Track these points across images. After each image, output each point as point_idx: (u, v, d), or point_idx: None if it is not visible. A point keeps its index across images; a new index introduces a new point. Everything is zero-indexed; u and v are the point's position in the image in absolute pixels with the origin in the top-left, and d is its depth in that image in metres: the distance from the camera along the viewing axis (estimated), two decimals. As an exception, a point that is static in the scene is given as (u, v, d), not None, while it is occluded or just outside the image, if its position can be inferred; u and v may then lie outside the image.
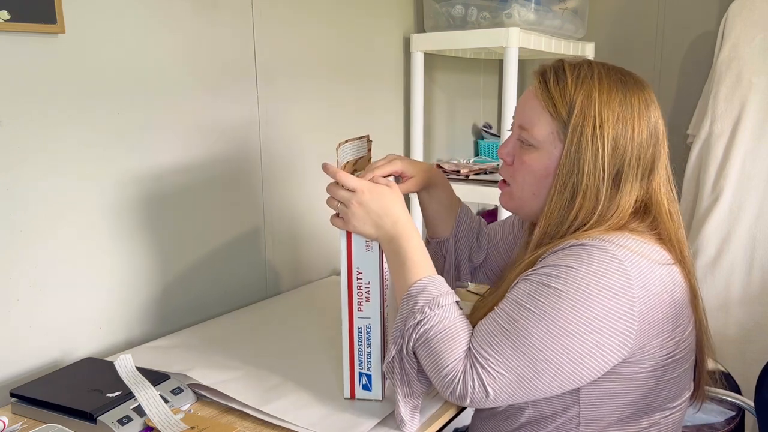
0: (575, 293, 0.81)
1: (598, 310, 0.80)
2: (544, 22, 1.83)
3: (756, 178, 1.76)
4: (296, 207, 1.64)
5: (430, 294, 0.88)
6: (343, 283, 0.96)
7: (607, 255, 0.82)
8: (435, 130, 2.18)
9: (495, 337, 0.83)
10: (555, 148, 0.91)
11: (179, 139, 1.33)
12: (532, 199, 0.95)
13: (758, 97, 1.76)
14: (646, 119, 0.90)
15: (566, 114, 0.89)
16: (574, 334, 0.80)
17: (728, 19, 1.83)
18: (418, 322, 0.86)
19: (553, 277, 0.83)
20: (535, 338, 0.81)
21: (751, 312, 1.78)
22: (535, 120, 0.92)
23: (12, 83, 1.05)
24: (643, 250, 0.85)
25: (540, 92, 0.92)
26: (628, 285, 0.81)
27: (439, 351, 0.85)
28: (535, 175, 0.93)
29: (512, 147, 0.97)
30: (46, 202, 1.12)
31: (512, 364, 0.82)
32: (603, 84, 0.89)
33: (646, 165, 0.90)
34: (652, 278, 0.83)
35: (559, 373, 0.81)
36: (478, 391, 0.82)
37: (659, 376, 0.88)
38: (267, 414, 0.95)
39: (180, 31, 1.30)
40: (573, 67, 0.92)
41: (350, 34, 1.75)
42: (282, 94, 1.55)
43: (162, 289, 1.34)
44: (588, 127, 0.87)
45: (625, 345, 0.82)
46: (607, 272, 0.81)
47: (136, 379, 1.01)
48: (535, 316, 0.82)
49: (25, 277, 1.11)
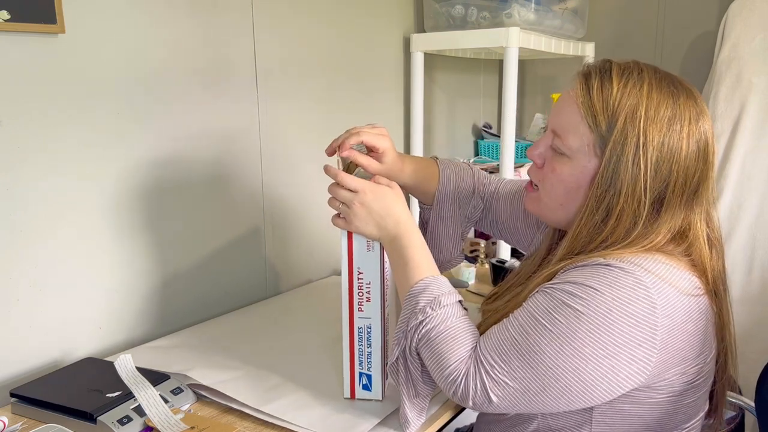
0: (596, 317, 0.77)
1: (617, 336, 0.76)
2: (544, 22, 1.83)
3: (756, 178, 1.76)
4: (296, 207, 1.64)
5: (432, 294, 0.88)
6: (344, 283, 0.96)
7: (634, 280, 0.77)
8: (435, 130, 2.18)
9: (504, 346, 0.81)
10: (589, 161, 0.84)
11: (179, 139, 1.33)
12: (559, 209, 0.90)
13: (758, 97, 1.76)
14: (696, 136, 0.82)
15: (606, 128, 0.82)
16: (589, 358, 0.77)
17: (728, 19, 1.83)
18: (420, 322, 0.86)
19: (574, 297, 0.78)
20: (547, 356, 0.78)
21: (751, 312, 1.78)
22: (571, 129, 0.85)
23: (12, 83, 1.05)
24: (672, 278, 0.79)
25: (581, 99, 0.84)
26: (653, 314, 0.76)
27: (442, 351, 0.84)
28: (564, 185, 0.87)
29: (544, 149, 0.91)
30: (46, 202, 1.12)
31: (518, 375, 0.80)
32: (652, 98, 0.82)
33: (692, 188, 0.83)
34: (678, 307, 0.79)
35: (567, 393, 0.78)
36: (480, 394, 0.81)
37: (677, 401, 0.85)
38: (267, 414, 0.95)
39: (180, 31, 1.30)
40: (621, 73, 0.84)
41: (350, 34, 1.75)
42: (282, 93, 1.55)
43: (162, 289, 1.34)
44: (630, 146, 0.80)
45: (642, 372, 0.78)
46: (633, 299, 0.76)
47: (136, 379, 1.01)
48: (551, 334, 0.78)
49: (25, 277, 1.11)
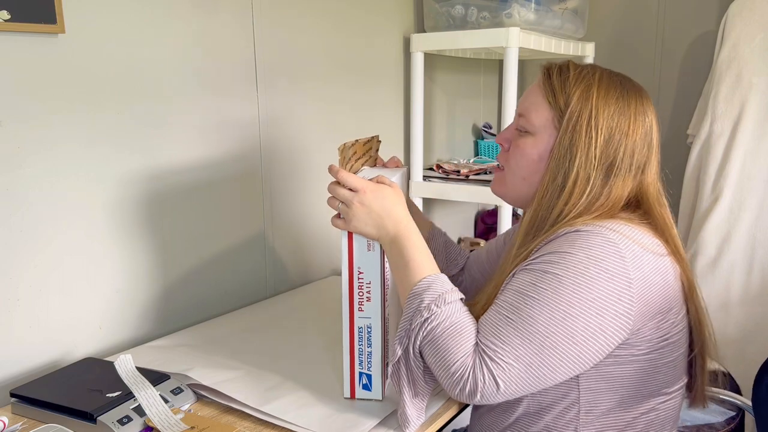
0: (575, 277, 0.83)
1: (598, 292, 0.82)
2: (544, 22, 1.83)
3: (756, 178, 1.76)
4: (296, 207, 1.64)
5: (436, 291, 0.88)
6: (344, 283, 0.96)
7: (602, 239, 0.85)
8: (435, 130, 2.18)
9: (501, 328, 0.84)
10: (550, 135, 0.94)
11: (179, 139, 1.33)
12: (522, 183, 0.98)
13: (758, 97, 1.76)
14: (642, 121, 0.93)
15: (564, 103, 0.93)
16: (578, 317, 0.82)
17: (728, 19, 1.83)
18: (425, 320, 0.86)
19: (552, 264, 0.85)
20: (541, 324, 0.82)
21: (751, 312, 1.78)
22: (533, 108, 0.96)
23: (12, 83, 1.05)
24: (636, 237, 0.87)
25: (542, 82, 0.96)
26: (624, 268, 0.83)
27: (447, 347, 0.85)
28: (527, 159, 0.96)
29: (510, 134, 1.01)
30: (46, 202, 1.12)
31: (520, 352, 0.82)
32: (602, 83, 0.93)
33: (639, 164, 0.93)
34: (645, 261, 0.86)
35: (565, 358, 0.82)
36: (489, 384, 0.82)
37: (655, 359, 0.89)
38: (267, 414, 0.95)
39: (180, 31, 1.30)
40: (576, 66, 0.96)
41: (350, 34, 1.75)
42: (282, 93, 1.55)
43: (162, 289, 1.34)
44: (584, 118, 0.91)
45: (625, 327, 0.84)
46: (604, 255, 0.83)
47: (136, 379, 1.01)
48: (539, 302, 0.83)
49: (25, 277, 1.11)
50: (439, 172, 2.02)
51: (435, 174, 2.01)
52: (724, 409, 1.40)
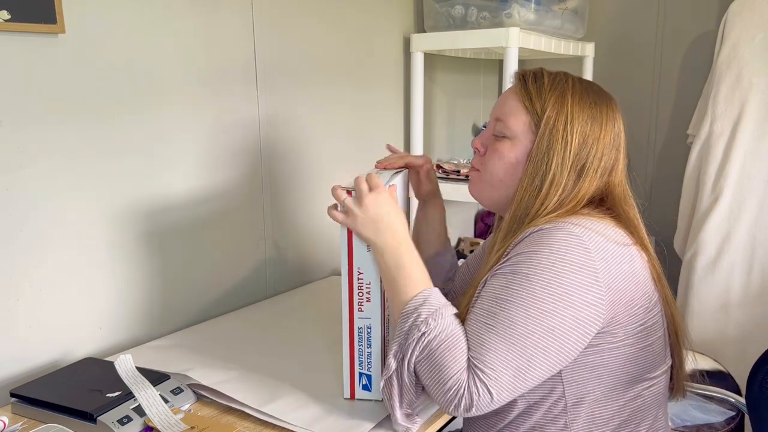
0: (543, 273, 0.85)
1: (567, 285, 0.85)
2: (544, 22, 1.83)
3: (756, 178, 1.76)
4: (296, 207, 1.64)
5: (432, 306, 0.88)
6: (344, 283, 0.96)
7: (564, 233, 0.88)
8: (435, 130, 2.18)
9: (483, 337, 0.85)
10: (527, 139, 0.97)
11: (179, 138, 1.33)
12: (498, 186, 1.00)
13: (758, 97, 1.76)
14: (611, 127, 0.97)
15: (540, 108, 0.96)
16: (552, 312, 0.84)
17: (728, 19, 1.83)
18: (423, 334, 0.86)
19: (520, 264, 0.88)
20: (520, 325, 0.84)
21: (751, 312, 1.78)
22: (511, 113, 0.98)
23: (12, 83, 1.05)
24: (598, 228, 0.90)
25: (518, 88, 0.99)
26: (589, 258, 0.86)
27: (443, 362, 0.85)
28: (504, 162, 0.98)
29: (486, 139, 1.03)
30: (46, 202, 1.12)
31: (507, 357, 0.83)
32: (576, 89, 0.97)
33: (607, 166, 0.97)
34: (609, 251, 0.88)
35: (549, 354, 0.84)
36: (484, 396, 0.82)
37: (633, 344, 0.91)
38: (267, 414, 0.95)
39: (180, 32, 1.30)
40: (549, 73, 1.00)
41: (350, 34, 1.75)
42: (282, 93, 1.55)
43: (162, 289, 1.34)
44: (560, 122, 0.95)
45: (599, 315, 0.86)
46: (568, 249, 0.86)
47: (136, 379, 1.01)
48: (513, 304, 0.85)
49: (25, 277, 1.11)
50: (439, 172, 2.01)
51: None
52: (724, 409, 1.40)
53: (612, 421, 0.93)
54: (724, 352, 1.77)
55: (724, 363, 1.63)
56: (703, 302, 1.83)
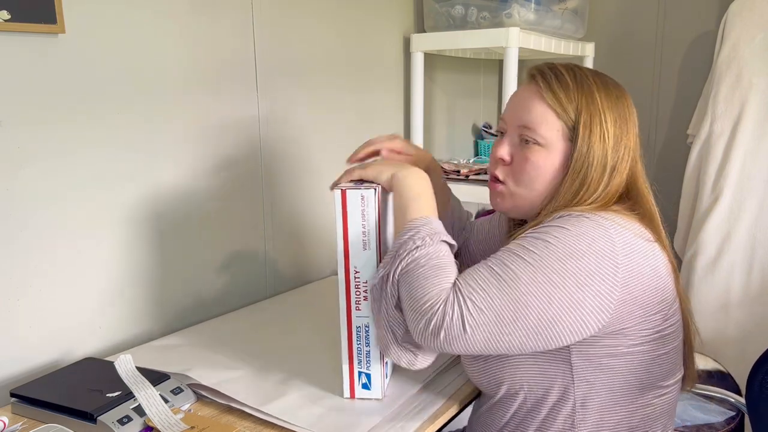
0: (565, 247, 0.85)
1: (583, 267, 0.84)
2: (544, 22, 1.83)
3: (756, 178, 1.76)
4: (296, 207, 1.64)
5: (434, 229, 0.90)
6: (341, 283, 0.96)
7: (594, 222, 0.87)
8: (435, 130, 2.18)
9: (483, 275, 0.86)
10: (561, 145, 0.94)
11: (179, 138, 1.33)
12: (537, 196, 0.97)
13: (758, 97, 1.76)
14: (634, 120, 0.98)
15: (574, 113, 0.93)
16: (559, 285, 0.83)
17: (728, 19, 1.83)
18: (417, 248, 0.88)
19: (545, 234, 0.87)
20: (522, 282, 0.84)
21: (751, 312, 1.78)
22: (542, 120, 0.95)
23: (12, 83, 1.06)
24: (627, 224, 0.89)
25: (545, 92, 0.95)
26: (613, 252, 0.85)
27: (426, 277, 0.86)
28: (540, 172, 0.95)
29: (510, 147, 0.99)
30: (46, 202, 1.12)
31: (495, 303, 0.83)
32: (599, 86, 0.95)
33: (634, 158, 0.97)
34: (636, 249, 0.87)
35: (537, 324, 0.83)
36: (456, 323, 0.83)
37: (649, 350, 0.90)
38: (267, 414, 0.95)
39: (180, 31, 1.30)
40: (568, 70, 0.97)
41: (350, 34, 1.75)
42: (282, 94, 1.55)
43: (162, 289, 1.34)
44: (595, 125, 0.93)
45: (604, 309, 0.84)
46: (596, 237, 0.86)
47: (136, 379, 1.01)
48: (525, 262, 0.85)
49: (25, 277, 1.11)
50: (439, 172, 2.01)
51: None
52: (724, 409, 1.40)
53: (620, 426, 0.92)
54: (724, 352, 1.77)
55: (724, 363, 1.63)
56: (703, 302, 1.83)
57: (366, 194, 0.93)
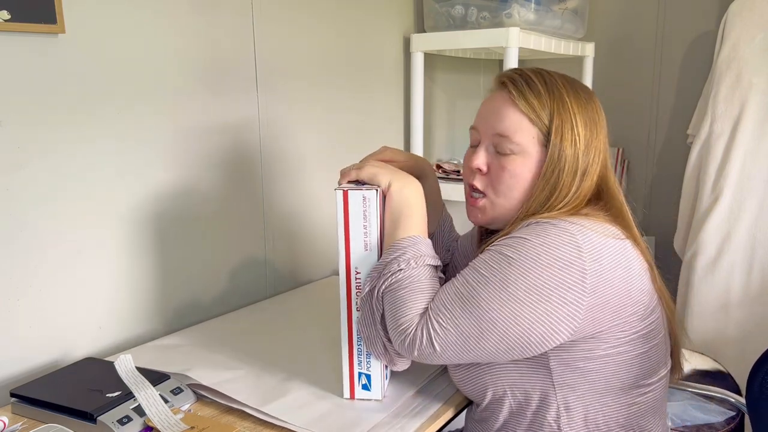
0: (525, 261, 0.85)
1: (547, 279, 0.84)
2: (544, 22, 1.83)
3: (756, 178, 1.76)
4: (296, 207, 1.64)
5: (420, 251, 0.92)
6: (342, 283, 0.96)
7: (559, 229, 0.87)
8: (435, 130, 2.18)
9: (449, 297, 0.88)
10: (535, 151, 0.94)
11: (179, 138, 1.33)
12: (514, 205, 0.97)
13: (758, 97, 1.76)
14: (603, 122, 0.97)
15: (547, 118, 0.93)
16: (523, 301, 0.84)
17: (728, 19, 1.83)
18: (400, 270, 0.91)
19: (507, 247, 0.88)
20: (483, 300, 0.85)
21: (751, 312, 1.78)
22: (516, 127, 0.94)
23: (12, 83, 1.06)
24: (594, 226, 0.89)
25: (518, 99, 0.94)
26: (579, 257, 0.84)
27: (404, 299, 0.90)
28: (518, 180, 0.95)
29: (486, 157, 0.98)
30: (46, 202, 1.12)
31: (458, 322, 0.86)
32: (568, 89, 0.95)
33: (604, 161, 0.97)
34: (604, 252, 0.87)
35: (505, 337, 0.85)
36: (426, 344, 0.87)
37: (628, 351, 0.90)
38: (267, 414, 0.95)
39: (180, 32, 1.30)
40: (537, 75, 0.96)
41: (350, 34, 1.75)
42: (282, 93, 1.55)
43: (162, 289, 1.34)
44: (567, 129, 0.93)
45: (574, 316, 0.84)
46: (559, 244, 0.85)
47: (136, 379, 1.01)
48: (485, 279, 0.86)
49: (25, 277, 1.11)
50: (439, 172, 2.02)
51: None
52: (724, 409, 1.40)
53: (608, 426, 0.92)
54: (724, 352, 1.77)
55: (724, 363, 1.63)
56: (703, 302, 1.83)
57: (368, 195, 0.93)
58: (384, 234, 0.96)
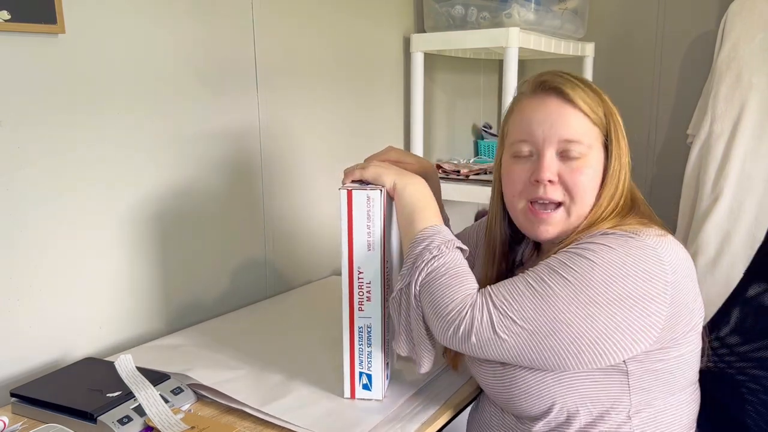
0: (610, 269, 0.82)
1: (631, 289, 0.82)
2: (544, 22, 1.83)
3: (756, 178, 1.76)
4: (296, 207, 1.64)
5: (446, 237, 0.91)
6: (345, 283, 0.96)
7: (639, 242, 0.84)
8: (435, 130, 2.18)
9: (518, 289, 0.85)
10: (598, 152, 0.93)
11: (179, 138, 1.33)
12: (586, 211, 0.92)
13: (758, 97, 1.76)
14: None
15: (604, 117, 0.93)
16: (603, 306, 0.81)
17: (728, 19, 1.83)
18: (434, 257, 0.88)
19: (589, 251, 0.84)
20: (561, 300, 0.82)
21: (751, 312, 1.78)
22: (583, 128, 0.91)
23: (12, 83, 1.05)
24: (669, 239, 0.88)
25: (577, 101, 0.91)
26: (663, 271, 0.83)
27: (449, 284, 0.86)
28: (593, 182, 0.92)
29: (554, 165, 0.92)
30: (46, 203, 1.12)
31: (528, 315, 0.83)
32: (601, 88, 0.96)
33: None
34: (679, 260, 0.86)
35: (578, 340, 0.82)
36: (486, 326, 0.83)
37: (692, 350, 0.90)
38: (267, 414, 0.95)
39: (180, 32, 1.30)
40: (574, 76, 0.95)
41: (350, 35, 1.75)
42: (282, 94, 1.55)
43: (162, 289, 1.34)
44: (618, 127, 0.93)
45: (654, 326, 0.83)
46: (643, 258, 0.83)
47: (136, 379, 1.01)
48: (565, 281, 0.83)
49: (25, 277, 1.11)
50: (439, 172, 2.01)
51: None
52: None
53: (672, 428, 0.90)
54: (724, 352, 1.77)
55: (724, 363, 1.63)
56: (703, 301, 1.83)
57: (372, 195, 0.93)
58: (401, 234, 0.96)
